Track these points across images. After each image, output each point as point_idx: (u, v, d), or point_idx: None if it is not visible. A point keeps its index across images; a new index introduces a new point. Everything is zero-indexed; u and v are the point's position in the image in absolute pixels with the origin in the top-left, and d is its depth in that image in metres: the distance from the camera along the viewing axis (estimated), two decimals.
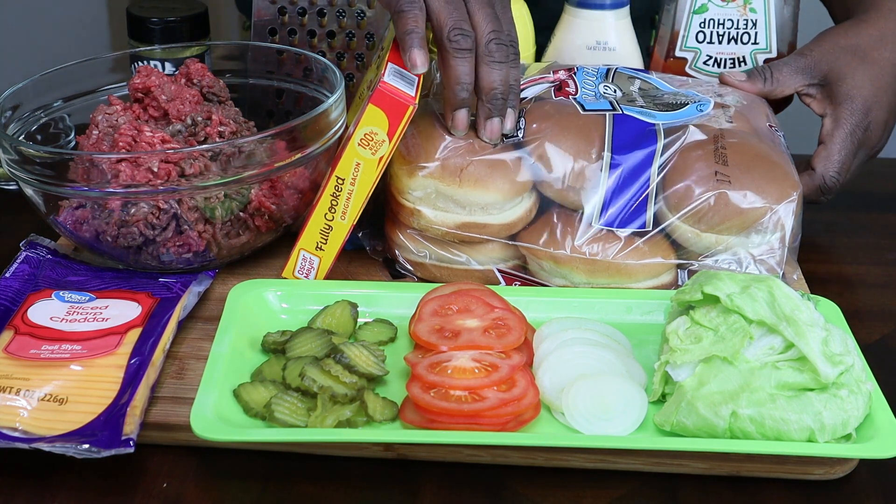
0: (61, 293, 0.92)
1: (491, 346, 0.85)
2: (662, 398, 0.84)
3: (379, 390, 0.85)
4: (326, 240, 0.96)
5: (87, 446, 0.77)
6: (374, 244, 1.03)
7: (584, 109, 0.98)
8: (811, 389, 0.79)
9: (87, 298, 0.92)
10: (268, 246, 1.04)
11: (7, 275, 0.97)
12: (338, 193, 0.94)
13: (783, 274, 0.96)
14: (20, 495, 0.79)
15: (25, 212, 1.02)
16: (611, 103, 0.99)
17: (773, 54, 1.14)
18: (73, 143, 1.08)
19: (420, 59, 0.91)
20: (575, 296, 0.95)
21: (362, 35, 1.20)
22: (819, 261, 1.09)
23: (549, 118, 0.97)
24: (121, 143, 0.96)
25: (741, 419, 0.78)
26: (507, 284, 0.98)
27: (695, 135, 0.96)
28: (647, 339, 0.91)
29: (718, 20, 1.13)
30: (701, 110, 0.99)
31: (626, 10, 1.12)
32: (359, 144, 0.92)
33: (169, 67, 1.16)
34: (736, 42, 1.14)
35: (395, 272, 1.02)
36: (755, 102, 1.05)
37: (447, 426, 0.79)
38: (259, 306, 0.94)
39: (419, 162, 0.96)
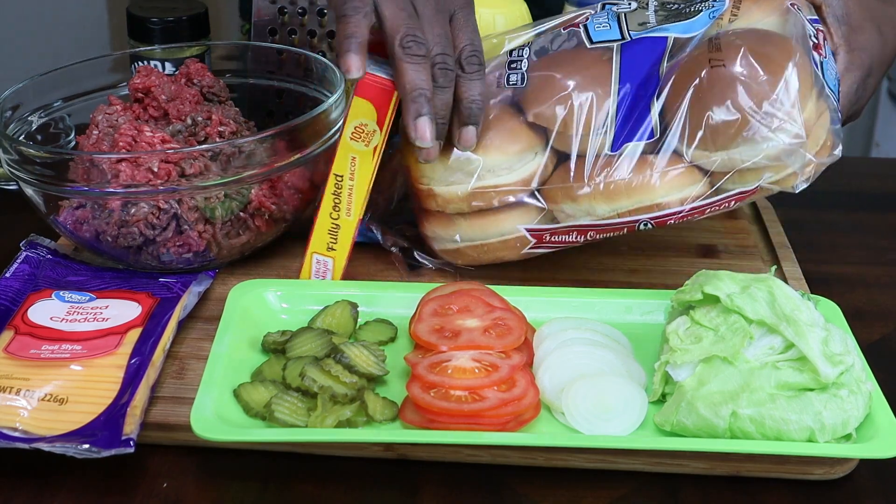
0: (61, 293, 0.92)
1: (491, 346, 0.85)
2: (662, 398, 0.84)
3: (379, 390, 0.85)
4: (336, 239, 0.96)
5: (87, 446, 0.77)
6: (388, 238, 1.03)
7: (591, 42, 0.94)
8: (811, 389, 0.79)
9: (87, 298, 0.92)
10: (268, 246, 1.04)
11: (7, 275, 0.97)
12: (339, 191, 0.94)
13: (784, 274, 0.96)
14: (20, 495, 0.79)
15: (25, 212, 1.02)
16: (620, 29, 0.95)
17: None
18: (73, 143, 1.08)
19: (355, 64, 0.86)
20: (575, 296, 0.95)
21: None
22: (819, 261, 1.09)
23: (553, 66, 0.95)
24: (121, 143, 0.96)
25: (741, 419, 0.78)
26: (537, 242, 0.96)
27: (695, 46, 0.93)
28: (647, 339, 0.91)
29: None
30: (713, 17, 0.94)
31: None
32: (351, 138, 0.92)
33: (169, 67, 1.16)
34: None
35: (411, 264, 1.01)
36: None
37: (447, 426, 0.79)
38: (259, 306, 0.94)
39: None
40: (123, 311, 0.90)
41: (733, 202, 0.92)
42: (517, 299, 0.92)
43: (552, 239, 0.96)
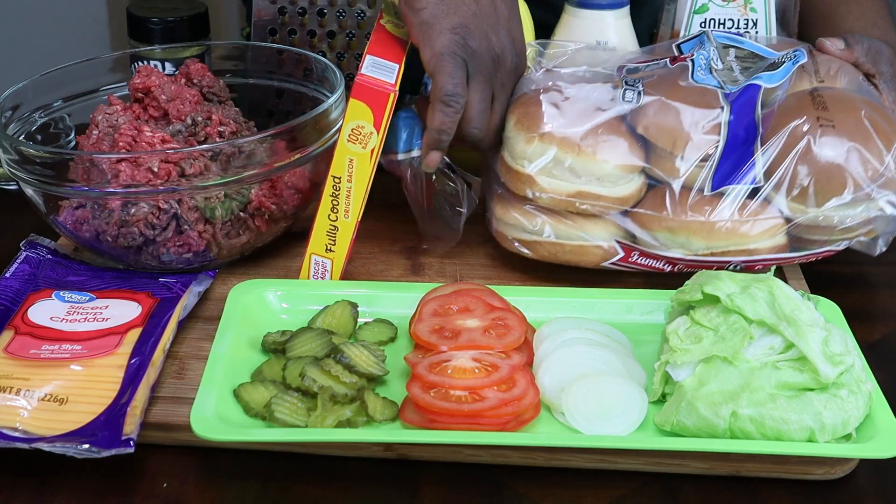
0: (61, 293, 0.92)
1: (491, 346, 0.85)
2: (662, 398, 0.84)
3: (379, 390, 0.85)
4: (335, 240, 0.96)
5: (87, 446, 0.77)
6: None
7: (695, 81, 0.97)
8: (811, 389, 0.79)
9: (88, 298, 0.92)
10: (268, 246, 1.04)
11: (7, 275, 0.97)
12: (336, 193, 0.94)
13: (784, 274, 0.96)
14: (20, 495, 0.79)
15: (25, 212, 1.02)
16: (718, 81, 0.98)
17: None
18: (73, 143, 1.08)
19: (437, 163, 0.95)
20: (575, 296, 0.95)
21: (362, 35, 1.20)
22: (819, 261, 1.08)
23: (662, 89, 0.96)
24: (121, 143, 0.96)
25: (741, 419, 0.78)
26: (624, 257, 0.97)
27: (792, 90, 0.97)
28: (647, 339, 0.91)
29: (719, 20, 1.13)
30: (796, 63, 0.98)
31: (626, 10, 1.12)
32: (348, 140, 0.92)
33: (169, 67, 1.16)
34: None
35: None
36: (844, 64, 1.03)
37: (447, 426, 0.79)
38: (259, 306, 0.93)
39: (539, 129, 0.95)
40: (123, 311, 0.90)
41: (815, 257, 0.97)
42: (517, 299, 0.92)
43: (638, 260, 0.98)
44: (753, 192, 0.94)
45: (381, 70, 0.93)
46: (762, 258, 0.95)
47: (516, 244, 0.99)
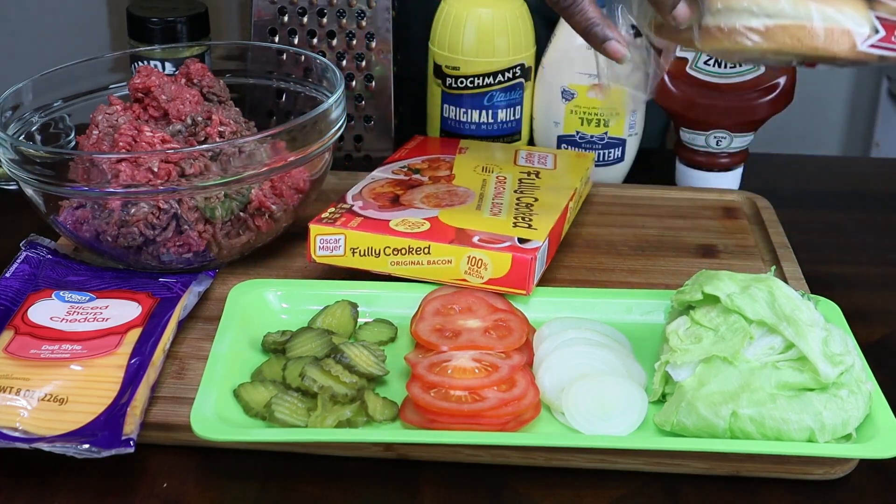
0: (61, 293, 0.92)
1: (491, 347, 0.85)
2: (662, 398, 0.84)
3: (379, 390, 0.85)
4: (364, 254, 0.95)
5: (87, 446, 0.77)
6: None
7: None
8: (811, 389, 0.79)
9: (88, 298, 0.92)
10: (268, 246, 1.04)
11: (7, 275, 0.97)
12: (411, 253, 0.93)
13: (784, 274, 0.96)
14: (20, 495, 0.79)
15: (25, 212, 1.02)
16: None
17: None
18: (73, 143, 1.08)
19: (621, 50, 0.85)
20: (575, 296, 0.95)
21: (362, 35, 1.20)
22: (819, 261, 1.09)
23: None
24: (121, 143, 0.96)
25: (741, 419, 0.78)
26: (885, 37, 0.82)
27: None
28: (647, 339, 0.91)
29: None
30: None
31: None
32: (468, 258, 0.91)
33: (169, 67, 1.16)
34: None
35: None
36: None
37: (447, 426, 0.79)
38: (259, 306, 0.94)
39: None
40: (123, 311, 0.90)
41: None
42: (517, 299, 0.92)
43: None
44: None
45: (540, 265, 0.93)
46: None
47: (746, 35, 0.82)
